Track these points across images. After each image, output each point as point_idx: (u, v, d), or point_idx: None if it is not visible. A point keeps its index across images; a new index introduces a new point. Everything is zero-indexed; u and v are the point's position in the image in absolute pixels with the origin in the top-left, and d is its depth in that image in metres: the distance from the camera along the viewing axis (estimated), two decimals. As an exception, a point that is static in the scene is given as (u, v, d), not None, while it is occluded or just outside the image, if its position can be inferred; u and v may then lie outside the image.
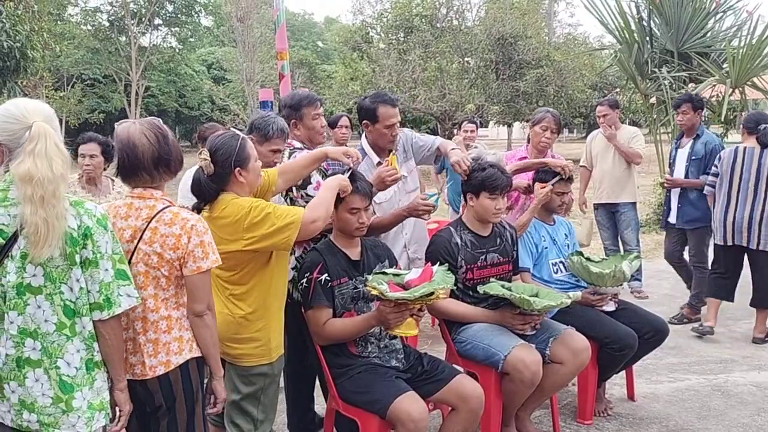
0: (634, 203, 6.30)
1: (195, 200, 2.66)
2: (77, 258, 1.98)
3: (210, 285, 2.32)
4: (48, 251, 1.93)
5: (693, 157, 5.51)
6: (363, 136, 3.59)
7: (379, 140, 3.50)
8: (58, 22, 27.06)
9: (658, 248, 8.10)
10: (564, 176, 3.86)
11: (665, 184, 5.71)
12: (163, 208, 2.24)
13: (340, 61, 25.81)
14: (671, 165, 5.80)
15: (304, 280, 2.92)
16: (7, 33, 10.73)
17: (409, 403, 2.69)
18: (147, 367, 2.22)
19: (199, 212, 2.59)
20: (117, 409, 2.18)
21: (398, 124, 3.48)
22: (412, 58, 19.83)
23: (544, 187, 3.80)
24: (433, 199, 3.29)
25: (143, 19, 31.80)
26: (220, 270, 2.58)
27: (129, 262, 2.20)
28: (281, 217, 2.51)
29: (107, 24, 32.38)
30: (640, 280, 6.45)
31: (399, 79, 19.95)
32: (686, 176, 5.54)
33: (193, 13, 34.70)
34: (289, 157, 3.34)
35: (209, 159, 2.55)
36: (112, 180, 4.21)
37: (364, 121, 3.48)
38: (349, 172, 2.92)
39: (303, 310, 2.99)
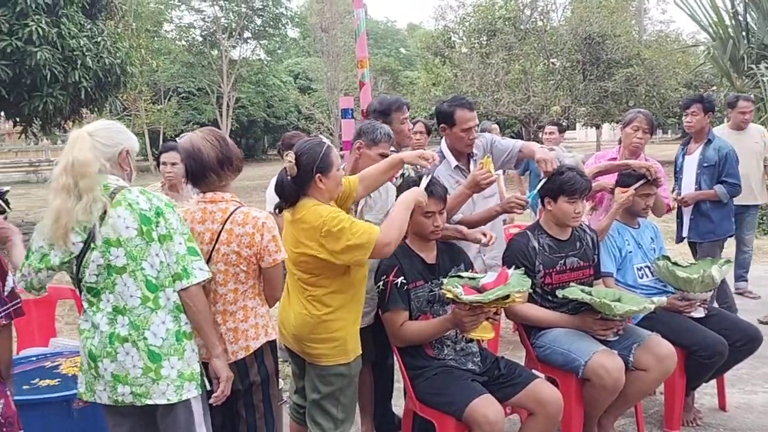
0: (758, 205, 6.03)
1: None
2: (154, 235, 2.19)
3: (282, 276, 2.55)
4: (72, 237, 2.17)
5: (704, 164, 5.00)
6: (442, 139, 3.62)
7: (456, 144, 3.52)
8: (155, 38, 28.51)
9: (757, 253, 7.68)
10: (649, 178, 3.74)
11: (683, 203, 5.07)
12: (235, 210, 2.43)
13: (422, 66, 25.90)
14: (678, 173, 5.26)
15: (381, 283, 2.98)
16: (108, 50, 11.41)
17: (486, 406, 2.69)
18: (229, 353, 2.41)
19: (280, 212, 2.72)
20: (215, 378, 2.33)
21: (476, 128, 3.49)
22: (495, 61, 19.65)
23: (625, 192, 3.70)
24: (530, 198, 3.35)
25: (233, 33, 33.04)
26: (299, 272, 2.69)
27: (208, 262, 2.38)
28: (356, 235, 2.53)
29: (200, 39, 33.87)
30: (746, 280, 6.19)
31: (482, 83, 19.81)
32: (698, 185, 5.02)
33: (280, 26, 35.75)
34: None
35: (294, 162, 2.65)
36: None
37: (442, 125, 3.51)
38: (429, 177, 2.95)
39: (380, 313, 3.05)
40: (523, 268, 3.09)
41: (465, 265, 3.15)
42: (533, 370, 3.18)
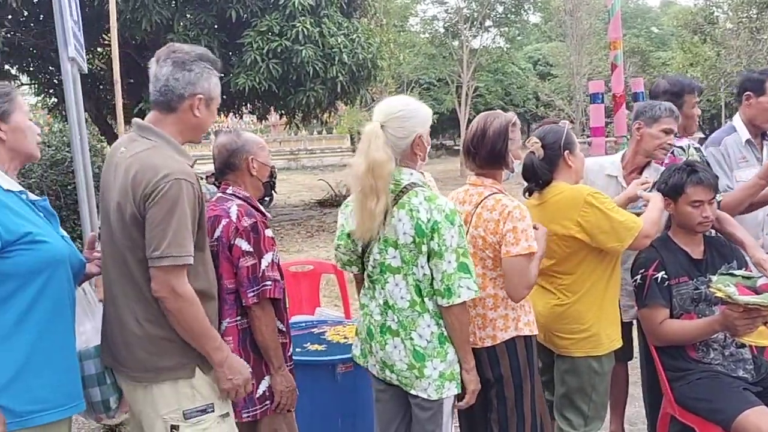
0: None
1: None
2: (424, 248, 2.20)
3: (524, 274, 2.33)
4: (359, 233, 2.27)
5: None
6: (738, 111, 3.34)
7: (759, 116, 3.22)
8: (401, 32, 29.87)
9: None
10: None
11: None
12: (489, 195, 2.44)
13: (677, 46, 23.90)
14: None
15: (638, 276, 2.81)
16: (362, 46, 12.26)
17: (761, 419, 2.43)
18: (477, 338, 2.43)
19: (530, 195, 2.73)
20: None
21: None
22: (768, 36, 17.40)
23: None
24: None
25: (475, 22, 33.34)
26: (549, 260, 2.64)
27: None
28: (624, 217, 2.54)
29: (443, 30, 34.70)
30: None
31: (750, 62, 17.70)
32: None
33: (522, 12, 35.25)
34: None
35: (540, 143, 2.65)
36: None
37: (746, 93, 3.25)
38: None
39: (637, 308, 2.89)
40: (813, 270, 2.71)
41: (738, 263, 2.84)
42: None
